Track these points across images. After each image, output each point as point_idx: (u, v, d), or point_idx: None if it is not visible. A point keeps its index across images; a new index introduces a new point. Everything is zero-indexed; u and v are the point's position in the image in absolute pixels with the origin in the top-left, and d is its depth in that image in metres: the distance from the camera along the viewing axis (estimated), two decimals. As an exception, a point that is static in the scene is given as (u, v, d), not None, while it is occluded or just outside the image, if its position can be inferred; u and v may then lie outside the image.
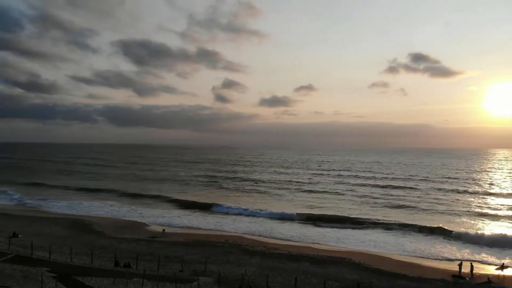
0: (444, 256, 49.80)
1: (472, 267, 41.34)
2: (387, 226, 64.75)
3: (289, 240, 57.19)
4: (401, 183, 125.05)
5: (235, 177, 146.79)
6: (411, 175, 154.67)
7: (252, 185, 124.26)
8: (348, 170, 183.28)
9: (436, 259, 48.62)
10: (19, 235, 52.90)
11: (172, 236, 57.51)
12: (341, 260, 45.88)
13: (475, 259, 47.24)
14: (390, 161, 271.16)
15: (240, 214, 75.71)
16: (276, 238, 58.26)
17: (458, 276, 40.04)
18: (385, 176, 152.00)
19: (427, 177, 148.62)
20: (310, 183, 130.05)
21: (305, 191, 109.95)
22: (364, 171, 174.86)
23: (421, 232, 61.40)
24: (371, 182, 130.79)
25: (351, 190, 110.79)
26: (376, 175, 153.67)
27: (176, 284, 32.87)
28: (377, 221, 68.65)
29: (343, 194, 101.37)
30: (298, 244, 54.51)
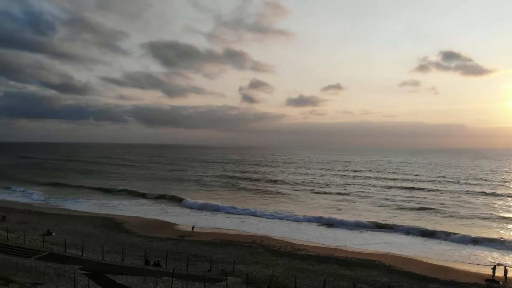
0: (475, 260, 48.44)
1: (506, 271, 40.10)
2: (414, 229, 63.05)
3: (316, 241, 56.75)
4: (429, 185, 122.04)
5: (256, 178, 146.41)
6: (441, 176, 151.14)
7: (274, 186, 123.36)
8: (376, 171, 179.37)
9: (468, 263, 47.32)
10: (52, 233, 54.42)
11: (200, 236, 58.03)
12: (371, 262, 45.23)
13: (509, 264, 45.76)
14: (420, 162, 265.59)
15: (261, 216, 74.91)
16: (303, 240, 57.80)
17: (491, 280, 38.90)
18: (412, 177, 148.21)
19: (457, 178, 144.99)
20: (335, 184, 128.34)
21: (328, 193, 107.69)
22: (392, 173, 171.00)
23: (448, 235, 59.38)
24: (399, 184, 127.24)
25: (377, 192, 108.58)
26: (404, 177, 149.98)
27: (205, 283, 33.09)
28: (403, 223, 67.17)
29: (369, 197, 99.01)
30: (326, 245, 54.05)
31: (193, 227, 62.37)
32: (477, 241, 56.29)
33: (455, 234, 59.42)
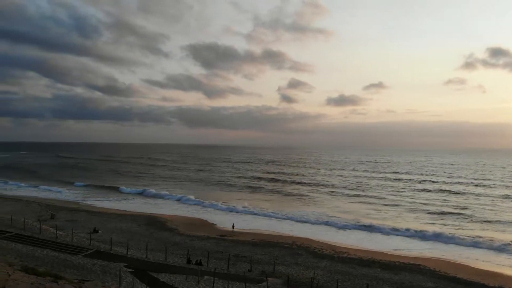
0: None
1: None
2: (455, 235, 60.46)
3: (357, 244, 55.76)
4: (472, 188, 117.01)
5: (294, 181, 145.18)
6: (486, 179, 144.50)
7: (310, 188, 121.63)
8: (418, 173, 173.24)
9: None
10: (99, 231, 56.26)
11: (241, 235, 58.35)
12: (415, 266, 44.02)
13: None
14: (465, 163, 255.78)
15: (299, 221, 73.28)
16: (345, 243, 56.91)
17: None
18: (455, 180, 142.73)
19: (505, 181, 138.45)
20: (372, 186, 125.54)
21: (364, 196, 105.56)
22: (434, 175, 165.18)
23: (492, 241, 56.65)
24: (442, 186, 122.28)
25: (416, 195, 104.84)
26: (447, 179, 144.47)
27: (246, 284, 33.19)
28: (442, 229, 64.65)
29: (407, 201, 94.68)
30: (368, 249, 52.94)
31: (233, 227, 63.08)
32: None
33: (499, 242, 56.61)
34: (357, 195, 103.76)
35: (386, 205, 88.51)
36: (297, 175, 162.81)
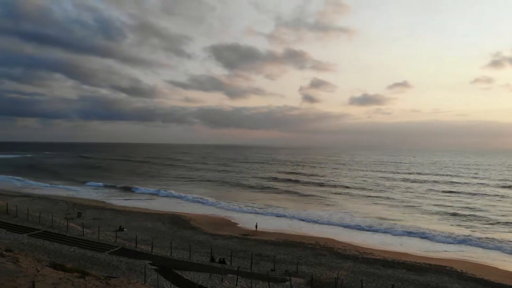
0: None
1: None
2: (481, 237, 58.94)
3: (382, 246, 55.06)
4: (498, 190, 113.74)
5: (315, 182, 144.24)
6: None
7: (330, 189, 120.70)
8: (442, 173, 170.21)
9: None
10: (124, 229, 57.16)
11: (264, 235, 58.38)
12: (441, 268, 43.22)
13: None
14: (491, 164, 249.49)
15: (322, 223, 73.02)
16: (369, 243, 56.26)
17: None
18: (482, 181, 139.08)
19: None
20: (394, 187, 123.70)
21: (384, 197, 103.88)
22: (459, 175, 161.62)
23: None
24: (466, 188, 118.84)
25: (439, 197, 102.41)
26: (471, 180, 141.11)
27: (269, 283, 33.17)
28: (469, 230, 63.52)
29: (429, 203, 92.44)
30: (393, 250, 52.22)
31: (256, 227, 63.15)
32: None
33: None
34: (379, 197, 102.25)
35: (408, 206, 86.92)
36: (318, 176, 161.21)
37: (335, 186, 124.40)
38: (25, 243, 40.30)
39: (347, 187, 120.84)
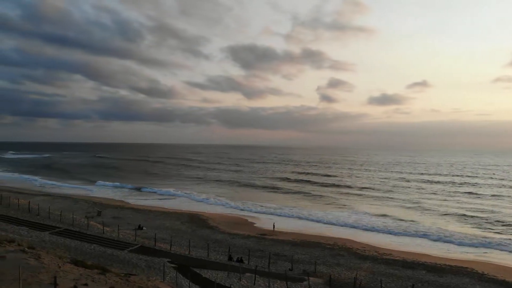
0: None
1: None
2: (501, 239, 57.76)
3: (400, 246, 54.41)
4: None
5: (330, 183, 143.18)
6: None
7: (343, 190, 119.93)
8: (461, 175, 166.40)
9: None
10: (143, 228, 57.76)
11: (281, 235, 58.27)
12: (462, 269, 42.52)
13: None
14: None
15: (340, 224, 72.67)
16: (388, 244, 55.68)
17: None
18: (504, 182, 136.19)
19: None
20: (413, 188, 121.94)
21: (403, 199, 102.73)
22: (479, 176, 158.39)
23: None
24: (486, 190, 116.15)
25: (461, 198, 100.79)
26: (493, 182, 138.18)
27: (287, 282, 33.10)
28: (489, 232, 62.33)
29: (454, 206, 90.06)
30: (412, 251, 51.54)
31: (273, 226, 63.14)
32: None
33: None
34: (397, 198, 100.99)
35: (426, 208, 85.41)
36: (334, 176, 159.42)
37: (351, 187, 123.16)
38: (46, 241, 41.05)
39: (364, 188, 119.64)
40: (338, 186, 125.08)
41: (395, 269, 41.85)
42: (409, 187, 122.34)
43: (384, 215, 75.61)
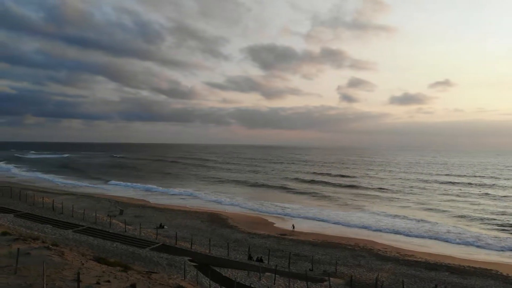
0: None
1: None
2: None
3: (423, 247, 53.54)
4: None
5: (348, 184, 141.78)
6: None
7: (361, 192, 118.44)
8: (484, 176, 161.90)
9: None
10: (164, 226, 58.29)
11: (301, 235, 58.05)
12: (486, 271, 41.62)
13: None
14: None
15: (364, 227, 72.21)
16: (409, 246, 54.85)
17: None
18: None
19: None
20: (434, 189, 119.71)
21: (426, 200, 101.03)
22: (506, 178, 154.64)
23: None
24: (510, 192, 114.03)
25: (487, 201, 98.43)
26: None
27: (307, 282, 32.93)
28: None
29: (477, 209, 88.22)
30: (435, 252, 50.68)
31: (293, 227, 62.96)
32: None
33: None
34: (418, 200, 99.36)
35: (448, 209, 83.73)
36: (355, 177, 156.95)
37: (371, 188, 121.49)
38: (70, 238, 41.81)
39: (383, 189, 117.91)
40: (357, 187, 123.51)
41: (418, 270, 41.22)
42: (430, 189, 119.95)
43: (404, 217, 74.37)
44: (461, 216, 75.56)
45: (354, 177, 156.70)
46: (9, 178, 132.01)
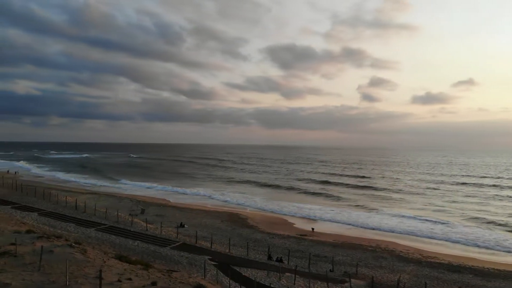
0: None
1: None
2: None
3: (445, 248, 52.60)
4: None
5: (368, 185, 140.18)
6: None
7: (381, 193, 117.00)
8: (508, 178, 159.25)
9: None
10: (185, 225, 58.71)
11: (321, 236, 57.68)
12: (511, 274, 40.61)
13: None
14: None
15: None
16: (431, 248, 53.97)
17: None
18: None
19: None
20: (455, 191, 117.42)
21: (448, 202, 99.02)
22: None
23: None
24: None
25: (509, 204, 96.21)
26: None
27: (328, 283, 32.70)
28: None
29: (502, 211, 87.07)
30: (458, 254, 49.77)
31: (312, 228, 62.65)
32: None
33: None
34: (435, 201, 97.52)
35: (471, 212, 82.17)
36: (374, 178, 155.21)
37: (392, 189, 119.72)
38: (92, 237, 42.50)
39: (404, 190, 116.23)
40: (376, 188, 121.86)
41: (440, 272, 40.51)
42: (452, 190, 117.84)
43: (426, 218, 73.14)
44: (484, 218, 73.84)
45: (373, 178, 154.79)
46: (35, 177, 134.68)
